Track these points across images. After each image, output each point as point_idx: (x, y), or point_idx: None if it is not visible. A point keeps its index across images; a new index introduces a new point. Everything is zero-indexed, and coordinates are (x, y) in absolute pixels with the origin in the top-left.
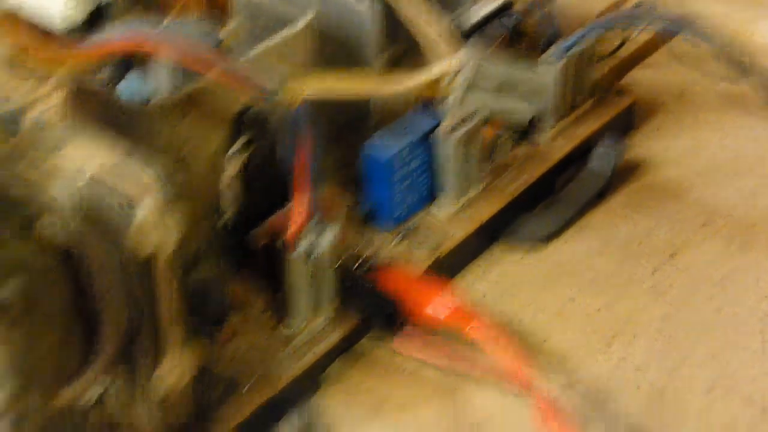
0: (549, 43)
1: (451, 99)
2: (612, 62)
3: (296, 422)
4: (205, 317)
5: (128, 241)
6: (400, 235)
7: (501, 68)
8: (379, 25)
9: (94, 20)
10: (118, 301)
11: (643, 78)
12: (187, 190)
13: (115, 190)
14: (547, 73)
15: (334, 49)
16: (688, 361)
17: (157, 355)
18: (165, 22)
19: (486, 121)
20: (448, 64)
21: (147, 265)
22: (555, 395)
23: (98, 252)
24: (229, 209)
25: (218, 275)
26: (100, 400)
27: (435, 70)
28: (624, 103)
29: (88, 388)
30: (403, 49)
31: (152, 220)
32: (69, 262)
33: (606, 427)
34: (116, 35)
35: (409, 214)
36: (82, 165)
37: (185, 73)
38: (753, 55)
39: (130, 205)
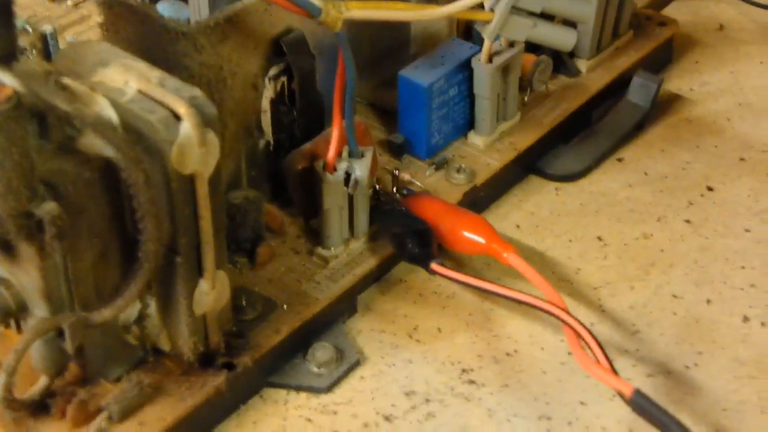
0: None
1: (493, 24)
2: None
3: (330, 345)
4: (242, 238)
5: (170, 159)
6: (436, 164)
7: None
8: None
9: None
10: (159, 218)
11: (683, 10)
12: (226, 110)
13: (157, 107)
14: (589, 1)
15: None
16: (725, 291)
17: (196, 273)
18: None
19: (525, 49)
20: None
21: (188, 182)
22: (589, 324)
23: (140, 168)
24: (267, 131)
25: (256, 197)
26: (139, 319)
27: None
28: (665, 34)
29: (128, 305)
30: None
31: (194, 138)
32: (110, 176)
33: (641, 354)
34: None
35: (446, 142)
36: (125, 82)
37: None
38: None
39: (173, 122)
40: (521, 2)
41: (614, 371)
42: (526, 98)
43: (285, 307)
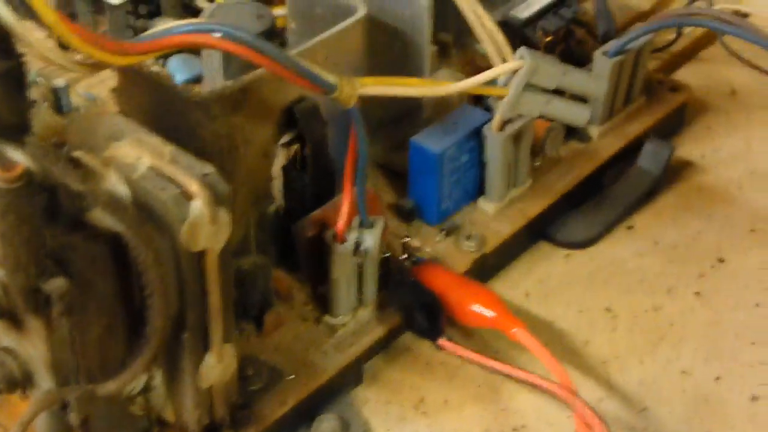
0: (605, 38)
1: (505, 101)
2: (664, 56)
3: (335, 416)
4: (250, 306)
5: (181, 235)
6: (446, 229)
7: (558, 69)
8: (432, 13)
9: None
10: (167, 295)
11: (696, 73)
12: (238, 178)
13: (169, 184)
14: (602, 69)
15: (386, 37)
16: (734, 368)
17: (203, 347)
18: (216, 2)
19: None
20: (507, 65)
21: (198, 258)
22: (596, 402)
23: (151, 246)
24: (277, 198)
25: (264, 264)
26: (144, 390)
27: (493, 71)
28: (677, 100)
29: (134, 378)
30: (452, 36)
31: (206, 215)
32: (119, 251)
33: None
34: (178, 29)
35: (456, 208)
36: (138, 157)
37: (236, 59)
38: None
39: (185, 199)
40: (535, 79)
41: None
42: (537, 164)
43: (291, 377)
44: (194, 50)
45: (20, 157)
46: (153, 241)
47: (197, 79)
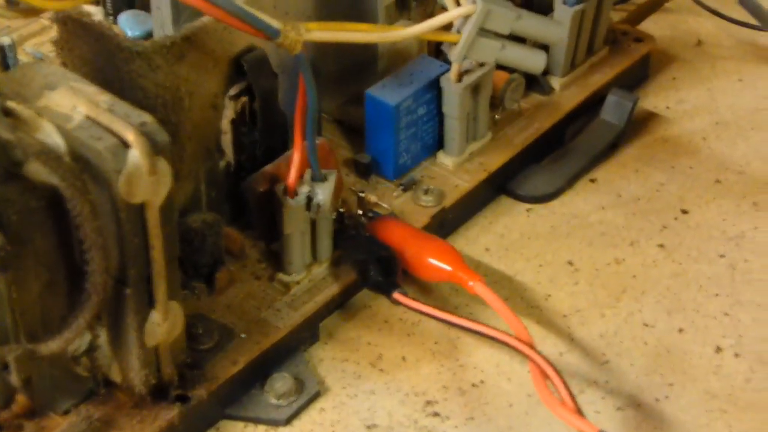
0: None
1: (459, 46)
2: (630, 8)
3: (290, 375)
4: (200, 264)
5: (119, 188)
6: (404, 185)
7: (513, 13)
8: None
9: None
10: (107, 249)
11: (661, 24)
12: (184, 131)
13: (106, 134)
14: (563, 18)
15: None
16: (697, 319)
17: (148, 304)
18: None
19: (497, 67)
20: (458, 9)
21: (138, 212)
22: (557, 356)
23: (87, 198)
24: (228, 152)
25: (215, 220)
26: (89, 350)
27: (444, 16)
28: (641, 51)
29: (76, 336)
30: None
31: (144, 166)
32: (57, 205)
33: (610, 386)
34: None
35: (414, 162)
36: (73, 106)
37: (186, 10)
38: None
39: (122, 150)
40: (489, 24)
41: (579, 412)
42: (497, 117)
43: (243, 335)
44: (147, 5)
45: None
46: (89, 193)
47: (149, 35)
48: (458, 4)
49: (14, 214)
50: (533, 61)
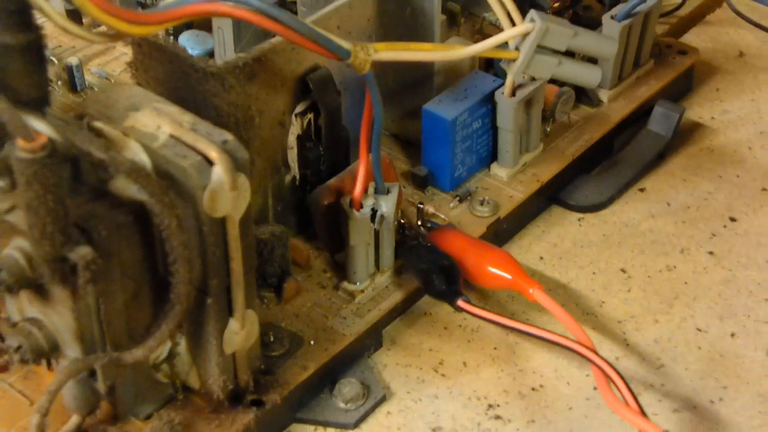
0: (612, 2)
1: (519, 62)
2: (672, 20)
3: (356, 380)
4: (269, 275)
5: (203, 203)
6: (459, 196)
7: (569, 30)
8: None
9: None
10: (191, 261)
11: (703, 36)
12: (254, 148)
13: (190, 152)
14: (611, 33)
15: (395, 5)
16: (749, 324)
17: (226, 313)
18: None
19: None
20: (518, 28)
21: (219, 225)
22: (613, 361)
23: (174, 213)
24: (294, 167)
25: (282, 232)
26: (169, 357)
27: (503, 35)
28: (685, 63)
29: (159, 345)
30: (460, 5)
31: (226, 182)
32: (143, 219)
33: (666, 389)
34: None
35: (469, 174)
36: (158, 126)
37: (248, 31)
38: None
39: (205, 167)
40: (547, 41)
41: (643, 413)
42: (548, 129)
43: (312, 342)
44: (205, 25)
45: (43, 128)
46: (176, 208)
47: (209, 54)
48: (512, 21)
49: (104, 229)
50: (588, 75)
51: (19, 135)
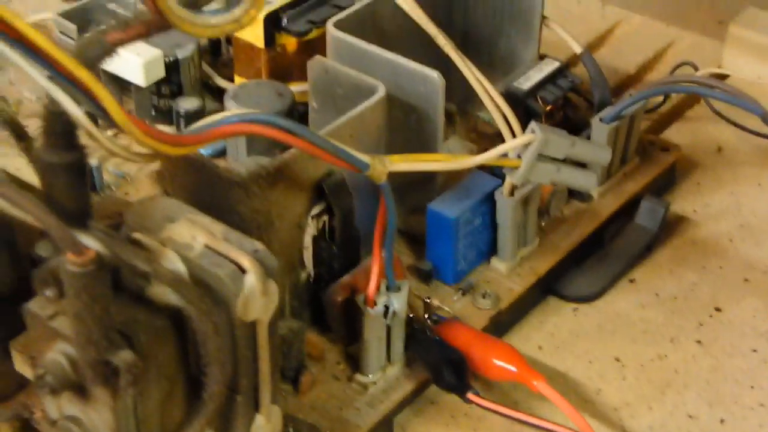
0: (601, 105)
1: (521, 170)
2: (654, 116)
3: None
4: (287, 368)
5: (236, 308)
6: (462, 289)
7: (568, 141)
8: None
9: (170, 72)
10: (225, 363)
11: (683, 132)
12: (273, 250)
13: (224, 261)
14: (600, 134)
15: (402, 112)
16: (737, 411)
17: (254, 408)
18: (237, 83)
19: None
20: (520, 138)
21: (250, 328)
22: None
23: (210, 319)
24: (309, 265)
25: (299, 328)
26: None
27: (507, 145)
28: (668, 160)
29: None
30: (455, 105)
31: (258, 289)
32: (177, 322)
33: None
34: (227, 120)
35: (470, 268)
36: (193, 236)
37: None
38: None
39: (239, 275)
40: (547, 150)
41: None
42: (543, 224)
43: None
44: None
45: (91, 243)
46: (212, 314)
47: (221, 153)
48: (512, 130)
49: (143, 334)
50: (584, 181)
51: (68, 249)
